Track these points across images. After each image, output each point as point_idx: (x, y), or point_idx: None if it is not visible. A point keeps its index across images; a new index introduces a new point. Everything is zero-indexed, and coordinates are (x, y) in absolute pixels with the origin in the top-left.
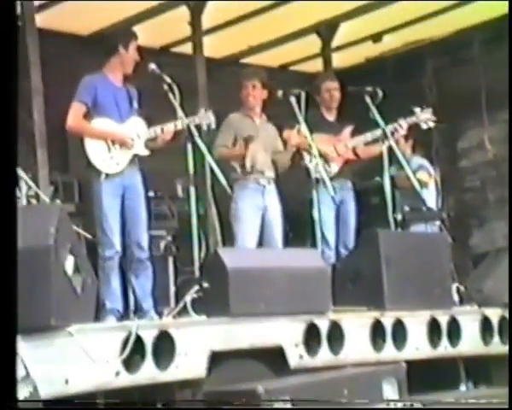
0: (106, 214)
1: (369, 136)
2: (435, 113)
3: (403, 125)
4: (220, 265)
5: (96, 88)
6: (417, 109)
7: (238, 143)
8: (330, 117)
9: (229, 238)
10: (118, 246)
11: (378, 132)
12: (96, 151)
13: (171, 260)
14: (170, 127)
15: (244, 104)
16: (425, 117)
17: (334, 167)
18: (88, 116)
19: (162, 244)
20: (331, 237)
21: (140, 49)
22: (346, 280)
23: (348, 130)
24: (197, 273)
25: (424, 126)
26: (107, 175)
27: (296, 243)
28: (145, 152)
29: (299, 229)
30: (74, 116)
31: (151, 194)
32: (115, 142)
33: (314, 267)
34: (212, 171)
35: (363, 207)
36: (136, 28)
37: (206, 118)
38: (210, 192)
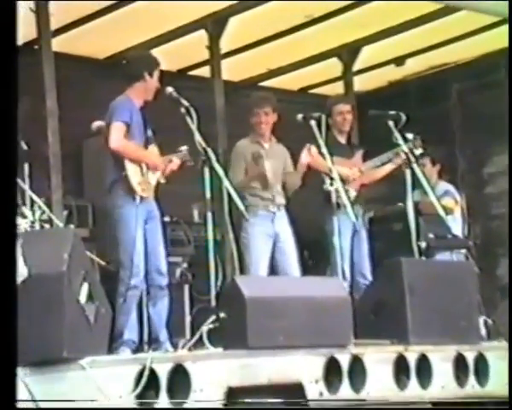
0: (135, 240)
1: (377, 160)
2: (461, 138)
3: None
4: (238, 294)
5: (132, 110)
6: (409, 136)
7: (249, 170)
8: (342, 140)
9: (246, 266)
10: (142, 273)
11: (387, 156)
12: (133, 174)
13: (186, 288)
14: (177, 159)
15: (255, 131)
16: (418, 143)
17: (352, 192)
18: (126, 137)
19: (178, 271)
20: (346, 266)
21: (161, 76)
22: (368, 312)
23: (360, 154)
24: (214, 302)
25: (416, 153)
26: (141, 198)
27: (316, 272)
28: (163, 179)
29: (318, 256)
30: (118, 136)
31: (167, 219)
32: (148, 166)
33: (335, 297)
34: (229, 196)
35: (384, 235)
36: (154, 51)
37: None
38: (227, 218)
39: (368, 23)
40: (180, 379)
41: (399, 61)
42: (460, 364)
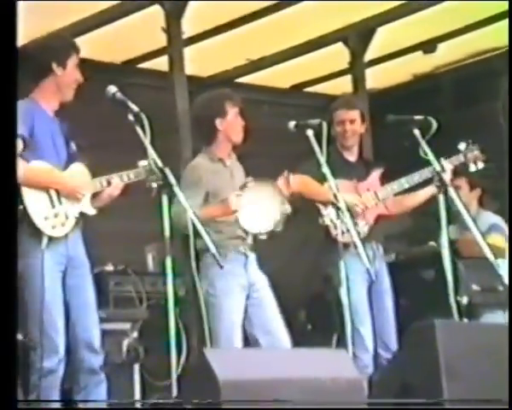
0: (48, 301)
1: (404, 182)
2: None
3: (446, 167)
4: (208, 375)
5: (34, 118)
6: (462, 145)
7: (216, 199)
8: (350, 156)
9: (216, 334)
10: (62, 349)
11: (416, 177)
12: (37, 206)
13: (136, 368)
14: (120, 179)
15: (217, 142)
16: (473, 155)
17: (363, 226)
18: (23, 156)
19: (124, 344)
20: (367, 332)
21: (84, 65)
22: (389, 396)
23: (377, 174)
24: (175, 390)
25: (472, 168)
26: (50, 239)
27: (317, 340)
28: (91, 210)
29: (320, 318)
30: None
31: (109, 268)
32: (61, 194)
33: (342, 379)
34: (196, 233)
35: (410, 286)
36: (89, 36)
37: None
38: (194, 265)
39: None
40: None
41: (428, 46)
42: None
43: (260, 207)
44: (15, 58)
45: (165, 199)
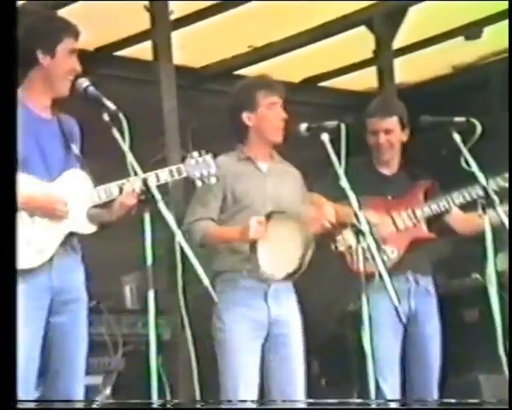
0: (22, 348)
1: (456, 197)
2: None
3: (495, 183)
4: None
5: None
6: None
7: (235, 211)
8: (386, 169)
9: (214, 383)
10: None
11: (468, 193)
12: (23, 232)
13: None
14: (134, 184)
15: (249, 140)
16: None
17: (393, 253)
18: None
19: (95, 404)
20: (392, 390)
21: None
22: None
23: (420, 189)
24: None
25: None
26: (24, 272)
27: (333, 393)
28: (89, 228)
29: (336, 371)
30: None
31: None
32: (36, 212)
33: None
34: (184, 261)
35: (450, 327)
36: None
37: (202, 167)
38: (181, 299)
39: None
40: None
41: (472, 31)
42: None
43: (283, 244)
44: (15, 56)
45: (147, 218)
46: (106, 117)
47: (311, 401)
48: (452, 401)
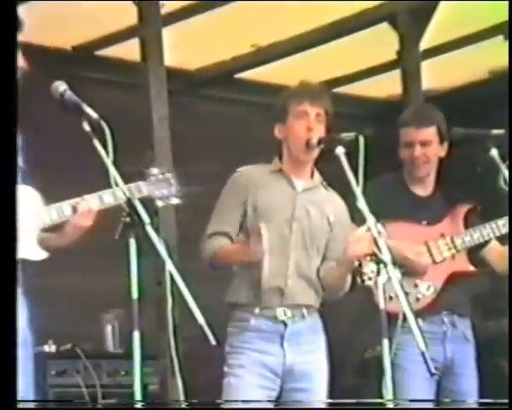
0: None
1: (498, 225)
2: None
3: None
4: None
5: None
6: None
7: (253, 229)
8: (420, 189)
9: None
10: None
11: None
12: None
13: None
14: (90, 203)
15: (284, 156)
16: None
17: (428, 289)
18: None
19: None
20: None
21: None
22: None
23: (460, 214)
24: None
25: None
26: None
27: None
28: (38, 254)
29: None
30: None
31: (49, 348)
32: None
33: None
34: (173, 294)
35: (486, 376)
36: (26, 9)
37: (162, 186)
38: (172, 341)
39: None
40: None
41: None
42: None
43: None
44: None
45: (132, 244)
46: (86, 126)
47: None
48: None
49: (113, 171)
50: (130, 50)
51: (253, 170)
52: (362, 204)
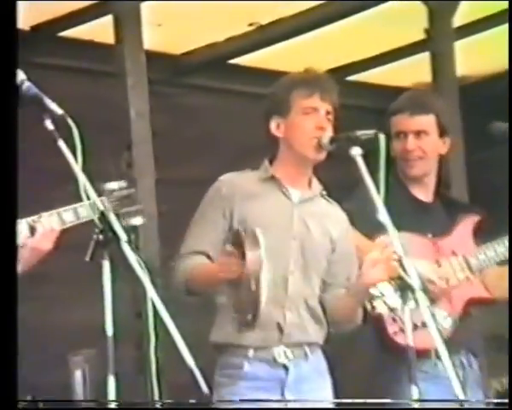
0: None
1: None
2: None
3: None
4: None
5: None
6: None
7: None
8: (421, 193)
9: None
10: None
11: None
12: None
13: None
14: (52, 221)
15: (278, 156)
16: None
17: (444, 320)
18: None
19: None
20: None
21: None
22: None
23: (469, 225)
24: None
25: None
26: None
27: None
28: None
29: None
30: None
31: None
32: None
33: None
34: (157, 329)
35: None
36: None
37: (124, 203)
38: (155, 386)
39: None
40: None
41: None
42: None
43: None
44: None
45: (106, 267)
46: (49, 124)
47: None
48: None
49: (82, 179)
50: (101, 31)
51: (238, 178)
52: (384, 217)
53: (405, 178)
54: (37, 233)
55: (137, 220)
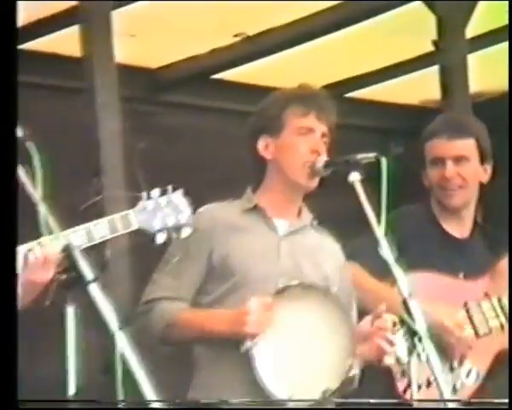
0: None
1: None
2: None
3: None
4: None
5: None
6: None
7: (226, 291)
8: (454, 228)
9: None
10: None
11: None
12: None
13: None
14: (48, 248)
15: (264, 181)
16: None
17: (467, 375)
18: None
19: None
20: None
21: None
22: None
23: (506, 265)
24: None
25: None
26: None
27: None
28: None
29: None
30: None
31: None
32: None
33: None
34: (128, 387)
35: None
36: None
37: (166, 213)
38: None
39: None
40: None
41: None
42: None
43: (308, 342)
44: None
45: (70, 313)
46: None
47: None
48: None
49: (42, 208)
50: (67, 42)
51: (219, 209)
52: (386, 252)
53: (441, 211)
54: (30, 261)
55: (185, 232)
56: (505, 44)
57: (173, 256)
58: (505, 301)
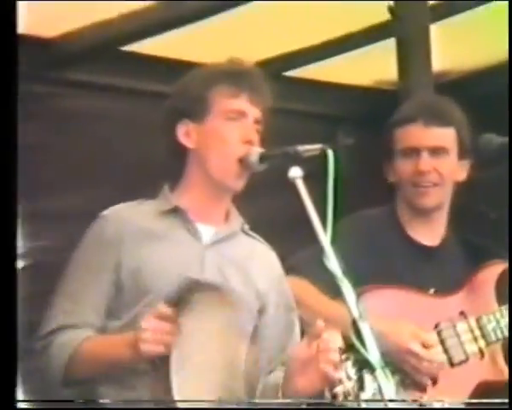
0: None
1: None
2: None
3: None
4: None
5: None
6: None
7: (140, 310)
8: (424, 234)
9: None
10: None
11: None
12: None
13: None
14: None
15: (183, 177)
16: None
17: None
18: None
19: None
20: None
21: None
22: None
23: (488, 277)
24: None
25: None
26: None
27: None
28: None
29: None
30: None
31: None
32: None
33: None
34: None
35: None
36: None
37: None
38: None
39: None
40: None
41: None
42: None
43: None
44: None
45: None
46: None
47: None
48: None
49: None
50: None
51: (129, 211)
52: (333, 264)
53: (410, 215)
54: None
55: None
56: (475, 11)
57: (72, 273)
58: (485, 321)
